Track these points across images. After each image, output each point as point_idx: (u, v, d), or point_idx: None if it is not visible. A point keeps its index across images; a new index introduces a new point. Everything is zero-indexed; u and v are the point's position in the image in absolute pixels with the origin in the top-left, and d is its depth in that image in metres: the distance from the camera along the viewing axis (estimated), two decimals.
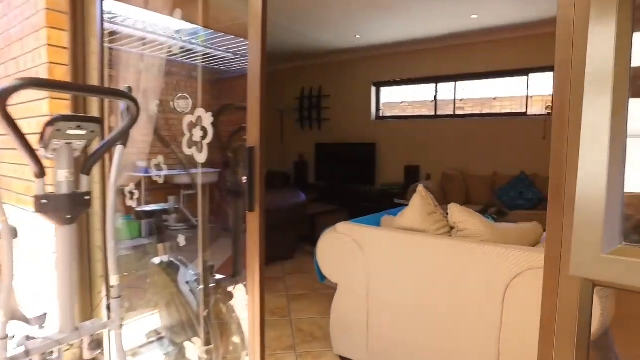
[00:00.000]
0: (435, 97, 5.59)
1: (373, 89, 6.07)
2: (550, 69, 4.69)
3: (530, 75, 4.91)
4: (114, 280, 1.44)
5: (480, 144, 5.18)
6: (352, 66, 6.23)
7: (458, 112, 5.44)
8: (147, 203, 2.03)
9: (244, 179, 1.23)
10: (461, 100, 5.40)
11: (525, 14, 4.25)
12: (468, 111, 5.38)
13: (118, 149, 1.42)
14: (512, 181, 4.63)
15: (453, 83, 5.44)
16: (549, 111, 4.78)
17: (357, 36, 5.26)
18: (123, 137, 1.42)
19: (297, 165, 6.64)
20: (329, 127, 6.56)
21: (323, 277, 2.29)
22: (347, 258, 2.08)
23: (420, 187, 1.90)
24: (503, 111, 5.13)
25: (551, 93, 4.80)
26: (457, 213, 1.76)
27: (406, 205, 4.85)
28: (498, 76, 5.11)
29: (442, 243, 1.73)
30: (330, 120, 6.53)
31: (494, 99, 5.19)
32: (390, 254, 1.89)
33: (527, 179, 4.56)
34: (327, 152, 6.39)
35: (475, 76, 5.24)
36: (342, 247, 2.10)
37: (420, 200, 1.86)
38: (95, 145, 1.53)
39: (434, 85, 5.59)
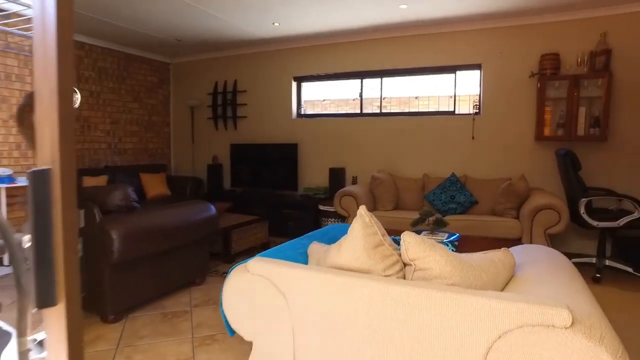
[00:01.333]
0: (361, 94, 5.19)
1: (294, 85, 5.52)
2: (476, 67, 4.50)
3: (458, 72, 4.71)
4: None
5: (408, 145, 4.88)
6: (271, 58, 5.62)
7: (385, 111, 5.10)
8: None
9: (23, 239, 0.59)
10: (383, 99, 5.06)
11: (458, 7, 3.99)
12: (395, 109, 5.07)
13: None
14: (443, 184, 4.37)
15: (379, 79, 5.09)
16: (477, 110, 4.61)
17: (276, 24, 4.67)
18: None
19: (210, 169, 5.87)
20: (245, 125, 5.89)
21: (233, 331, 1.67)
22: (263, 308, 1.49)
23: (362, 210, 1.37)
24: (431, 109, 4.89)
25: (478, 92, 4.63)
26: (414, 246, 1.26)
27: (332, 212, 4.34)
28: (426, 73, 4.85)
29: (397, 290, 1.23)
30: (247, 119, 5.86)
31: (416, 98, 4.92)
32: (323, 304, 1.35)
33: (458, 181, 4.34)
34: (244, 154, 5.71)
35: (402, 72, 4.93)
36: (257, 292, 1.50)
37: (362, 229, 1.33)
38: None
39: (359, 81, 5.19)
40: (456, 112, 4.74)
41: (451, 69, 4.70)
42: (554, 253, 1.70)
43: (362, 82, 5.17)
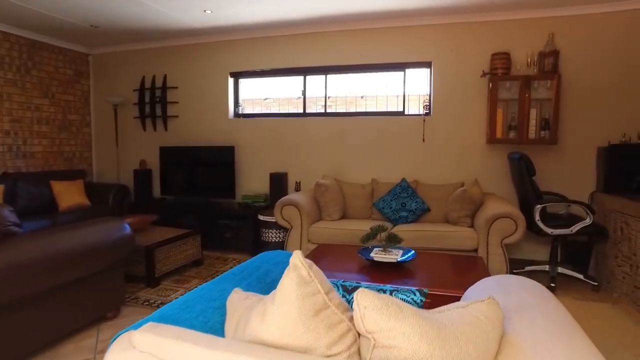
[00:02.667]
0: (304, 92, 4.78)
1: (231, 81, 4.99)
2: (426, 65, 4.24)
3: (407, 70, 4.43)
4: None
5: (355, 147, 4.54)
6: (205, 52, 5.05)
7: (330, 110, 4.73)
8: None
9: None
10: (328, 97, 4.69)
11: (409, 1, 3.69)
12: (341, 109, 4.70)
13: None
14: (394, 190, 4.07)
15: (323, 76, 4.70)
16: (427, 111, 4.36)
17: (208, 11, 4.13)
18: None
19: (138, 174, 5.19)
20: (177, 126, 5.27)
21: None
22: None
23: (297, 259, 0.94)
24: (379, 109, 4.58)
25: (428, 91, 4.38)
26: (373, 315, 0.85)
27: (273, 223, 3.87)
28: (374, 70, 4.53)
29: None
30: (178, 118, 5.25)
31: (362, 97, 4.60)
32: None
33: (409, 187, 4.05)
34: (175, 158, 5.09)
35: (348, 69, 4.58)
36: None
37: (298, 288, 0.90)
38: None
39: (302, 78, 4.77)
40: (406, 112, 4.46)
41: (400, 67, 4.41)
42: (538, 290, 1.38)
43: (305, 79, 4.75)
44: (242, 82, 5.04)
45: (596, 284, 3.45)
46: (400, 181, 4.11)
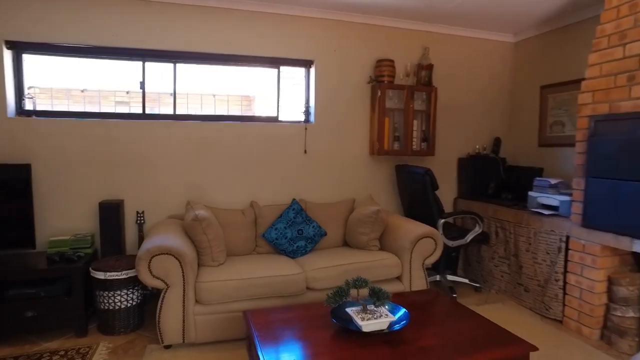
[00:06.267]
0: (143, 84, 3.37)
1: (7, 55, 3.04)
2: (306, 64, 3.65)
3: (282, 68, 3.69)
4: None
5: (220, 161, 3.50)
6: None
7: (181, 112, 3.50)
8: None
9: None
10: (171, 94, 3.49)
11: None
12: (194, 110, 3.55)
13: None
14: (285, 214, 3.30)
15: (172, 64, 3.43)
16: (306, 117, 3.75)
17: None
18: None
19: None
20: None
21: None
22: None
23: None
24: (245, 113, 3.67)
25: (306, 95, 3.77)
26: None
27: (123, 280, 2.51)
28: (240, 63, 3.58)
29: None
30: None
31: (213, 96, 3.62)
32: None
33: (302, 209, 3.37)
34: None
35: (205, 58, 3.47)
36: None
37: None
38: None
39: (139, 64, 3.35)
40: (280, 118, 3.73)
41: (274, 63, 3.63)
42: None
43: (144, 66, 3.35)
44: (28, 59, 3.14)
45: (479, 285, 3.68)
46: (291, 203, 3.38)
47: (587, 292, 2.82)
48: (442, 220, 3.38)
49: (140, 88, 3.35)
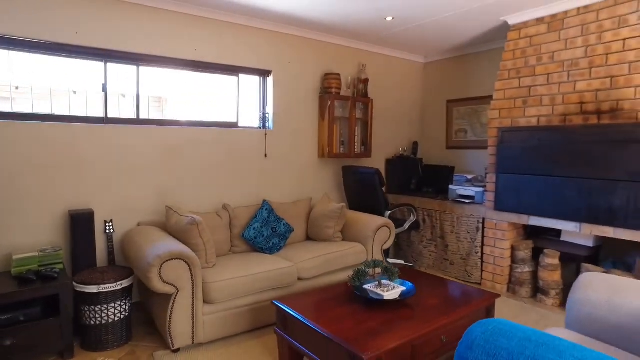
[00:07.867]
0: (105, 86, 3.19)
1: None
2: (263, 73, 3.92)
3: (241, 76, 3.85)
4: None
5: (188, 166, 3.53)
6: None
7: (144, 117, 3.41)
8: None
9: None
10: (140, 97, 3.41)
11: None
12: (155, 114, 3.49)
13: None
14: (260, 215, 3.53)
15: (135, 67, 3.32)
16: (263, 123, 3.99)
17: None
18: None
19: None
20: None
21: None
22: None
23: None
24: (205, 119, 3.75)
25: (261, 102, 4.02)
26: None
27: (109, 295, 2.65)
28: (200, 69, 3.64)
29: None
30: None
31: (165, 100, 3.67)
32: None
33: (273, 209, 3.63)
34: None
35: (169, 63, 3.45)
36: None
37: None
38: None
39: (101, 64, 3.16)
40: (239, 124, 3.90)
41: (234, 71, 3.79)
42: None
43: (105, 66, 3.18)
44: None
45: (411, 264, 4.46)
46: (263, 204, 3.61)
47: (499, 258, 3.78)
48: (389, 212, 4.03)
49: (103, 90, 3.18)
